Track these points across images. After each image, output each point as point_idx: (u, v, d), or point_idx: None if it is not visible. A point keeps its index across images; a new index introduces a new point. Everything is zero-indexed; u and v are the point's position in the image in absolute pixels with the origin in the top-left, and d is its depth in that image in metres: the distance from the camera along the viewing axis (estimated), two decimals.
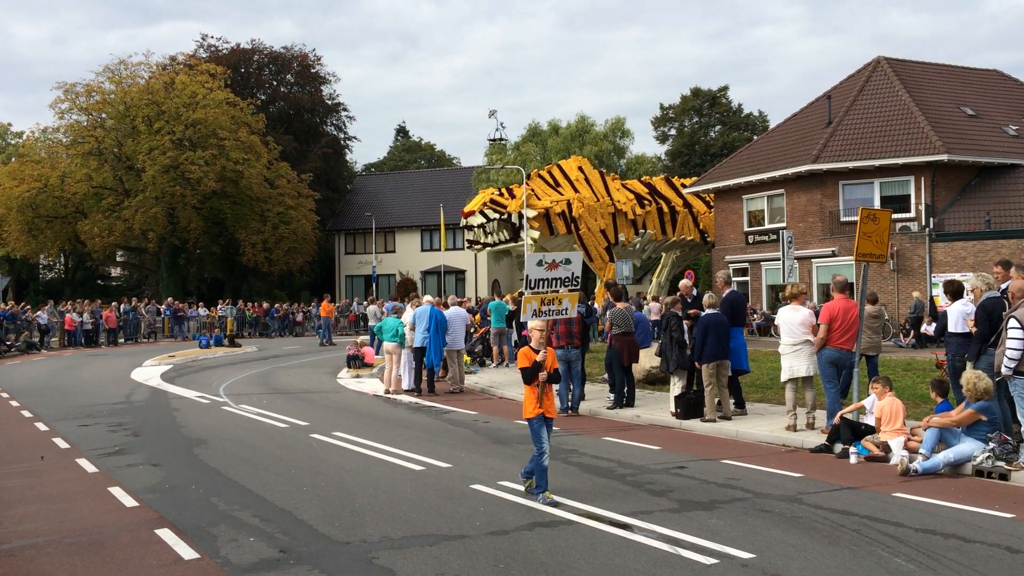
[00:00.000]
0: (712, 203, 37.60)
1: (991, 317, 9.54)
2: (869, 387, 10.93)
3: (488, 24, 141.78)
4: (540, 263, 9.26)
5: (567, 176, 35.32)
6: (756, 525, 7.23)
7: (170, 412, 15.05)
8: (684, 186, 38.60)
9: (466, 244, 37.56)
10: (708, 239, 38.02)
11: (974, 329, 9.87)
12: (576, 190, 34.52)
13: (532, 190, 33.79)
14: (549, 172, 35.63)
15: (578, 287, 9.46)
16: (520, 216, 32.94)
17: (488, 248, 36.02)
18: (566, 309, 9.33)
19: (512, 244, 34.63)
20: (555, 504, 7.84)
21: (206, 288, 55.26)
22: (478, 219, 34.26)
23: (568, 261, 9.40)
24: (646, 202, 36.26)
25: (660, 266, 40.78)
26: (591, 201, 34.41)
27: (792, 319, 11.61)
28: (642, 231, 36.03)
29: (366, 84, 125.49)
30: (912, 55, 46.66)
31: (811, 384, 11.76)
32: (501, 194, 34.16)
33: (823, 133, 31.98)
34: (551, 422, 8.39)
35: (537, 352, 8.33)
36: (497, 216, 33.54)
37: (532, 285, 9.24)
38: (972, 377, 9.35)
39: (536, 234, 33.01)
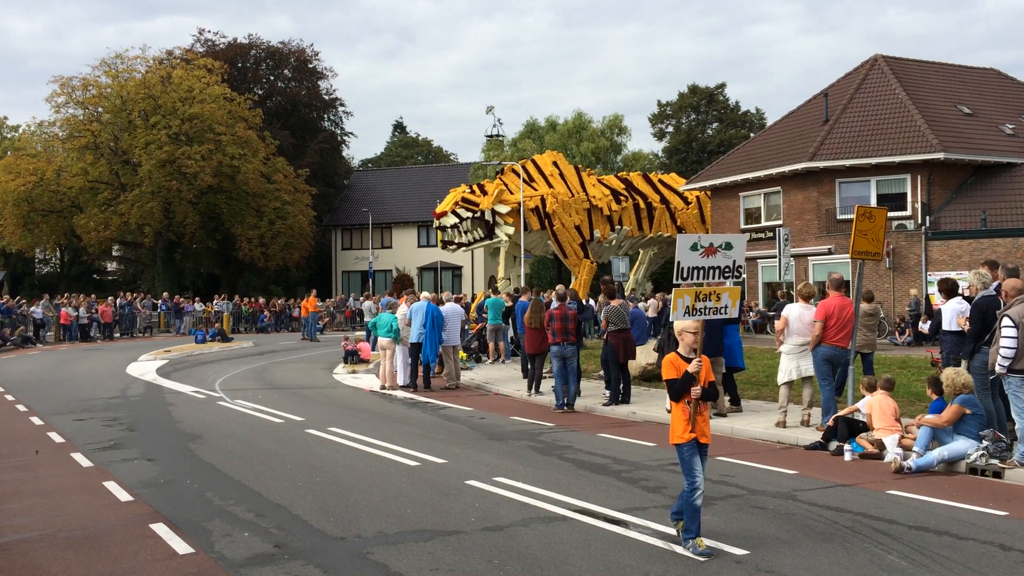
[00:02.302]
0: (690, 200, 37.52)
1: (985, 315, 9.57)
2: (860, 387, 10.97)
3: (485, 20, 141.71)
4: (695, 247, 7.52)
5: (541, 171, 34.99)
6: (750, 522, 7.24)
7: (165, 407, 15.04)
8: (663, 183, 38.42)
9: (440, 245, 36.84)
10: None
11: (967, 327, 9.90)
12: (550, 185, 34.16)
13: (505, 185, 33.47)
14: (523, 167, 35.31)
15: (741, 278, 7.81)
16: (493, 213, 32.55)
17: (463, 248, 35.43)
18: (725, 307, 7.32)
19: (487, 242, 34.12)
20: (709, 555, 6.31)
21: (202, 283, 55.21)
22: (451, 219, 33.48)
23: (729, 246, 7.64)
24: (622, 198, 36.01)
25: (637, 263, 40.57)
26: (565, 196, 34.08)
27: (806, 317, 11.57)
28: (618, 227, 35.77)
29: (363, 80, 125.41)
30: (908, 53, 46.67)
31: (810, 381, 11.77)
32: (472, 192, 33.61)
33: (820, 131, 31.99)
34: (706, 449, 6.65)
35: (688, 360, 6.62)
36: (470, 215, 32.90)
37: (684, 275, 7.49)
38: (951, 374, 9.48)
39: (511, 230, 32.69)
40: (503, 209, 32.38)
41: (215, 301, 40.25)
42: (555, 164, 35.78)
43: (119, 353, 27.35)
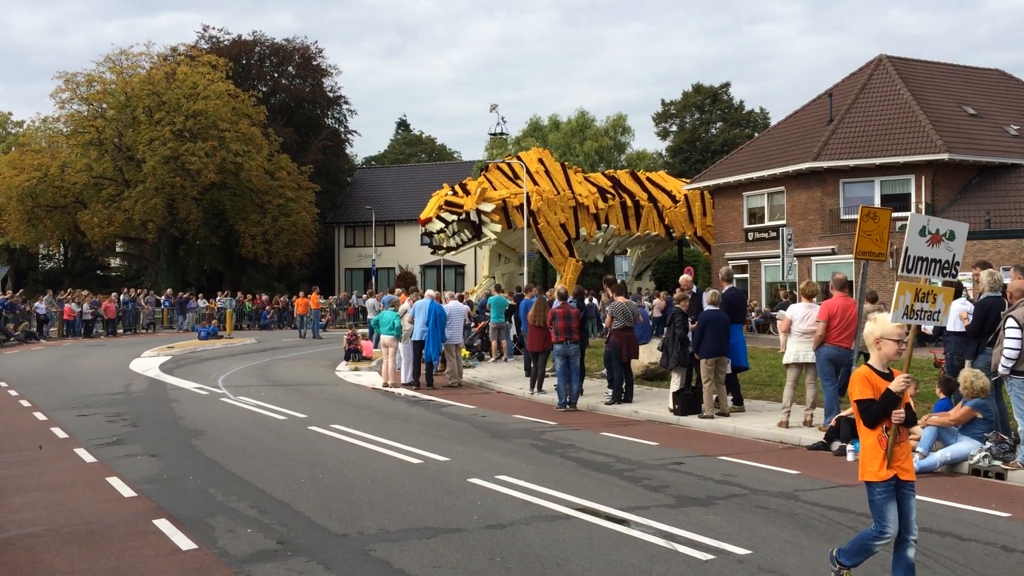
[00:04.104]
0: (678, 197, 37.34)
1: (987, 316, 9.56)
2: None
3: (487, 18, 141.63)
4: (923, 232, 6.19)
5: (527, 169, 34.65)
6: (753, 521, 7.24)
7: (168, 403, 15.06)
8: (651, 180, 38.14)
9: (430, 250, 36.09)
10: (673, 234, 37.62)
11: (967, 321, 9.90)
12: (536, 183, 33.76)
13: (489, 182, 33.13)
14: (508, 164, 34.90)
15: (955, 277, 6.47)
16: (479, 213, 32.10)
17: (452, 251, 34.64)
18: (938, 312, 5.79)
19: (477, 242, 33.40)
20: None
21: (205, 280, 55.27)
22: (437, 224, 32.64)
23: (952, 235, 6.25)
24: (609, 196, 35.65)
25: None
26: (550, 194, 33.59)
27: (807, 315, 11.58)
28: (605, 225, 35.42)
29: (366, 77, 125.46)
30: (911, 54, 46.60)
31: (814, 381, 11.76)
32: (455, 193, 32.86)
33: (824, 131, 31.97)
34: (911, 488, 5.20)
35: (885, 376, 5.20)
36: (455, 217, 32.24)
37: (909, 266, 6.12)
38: (969, 375, 9.37)
39: (498, 228, 32.29)
40: (488, 207, 31.98)
41: (218, 297, 40.30)
42: (540, 161, 35.20)
43: (122, 349, 27.39)
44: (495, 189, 32.66)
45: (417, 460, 9.79)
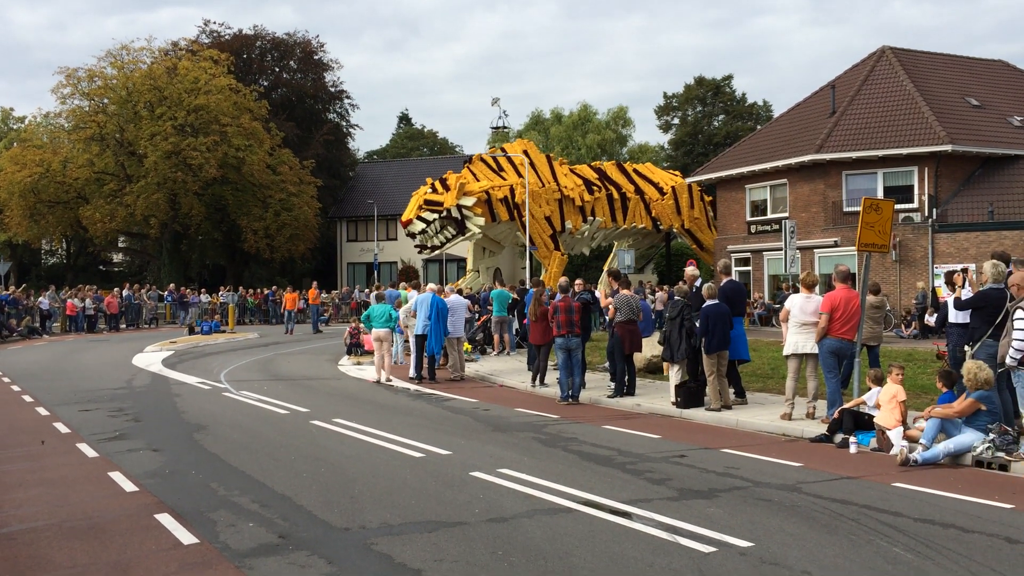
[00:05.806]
0: (665, 190, 37.12)
1: (986, 305, 9.53)
2: (866, 379, 10.92)
3: (488, 12, 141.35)
4: None
5: (511, 161, 34.27)
6: (755, 514, 7.23)
7: (171, 398, 15.07)
8: (638, 172, 37.84)
9: (416, 250, 35.46)
10: (661, 227, 37.34)
11: (959, 292, 9.88)
12: (520, 175, 33.23)
13: (473, 175, 32.84)
14: (493, 157, 34.50)
15: None
16: (460, 208, 31.74)
17: (437, 249, 33.78)
18: None
19: (461, 238, 32.70)
20: None
21: (208, 275, 55.28)
22: (418, 225, 31.82)
23: None
24: (595, 188, 35.19)
25: (611, 256, 39.75)
26: (535, 186, 33.18)
27: (805, 306, 11.57)
28: (591, 218, 34.98)
29: (367, 71, 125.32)
30: (914, 45, 46.46)
31: (815, 373, 11.75)
32: (435, 190, 32.06)
33: (827, 123, 31.87)
34: None
35: None
36: (436, 216, 31.54)
37: None
38: (973, 367, 9.33)
39: (481, 221, 31.93)
40: (468, 202, 31.59)
41: (220, 292, 40.31)
42: (525, 153, 34.59)
43: (125, 344, 27.41)
44: (477, 181, 32.32)
45: (419, 454, 9.78)
